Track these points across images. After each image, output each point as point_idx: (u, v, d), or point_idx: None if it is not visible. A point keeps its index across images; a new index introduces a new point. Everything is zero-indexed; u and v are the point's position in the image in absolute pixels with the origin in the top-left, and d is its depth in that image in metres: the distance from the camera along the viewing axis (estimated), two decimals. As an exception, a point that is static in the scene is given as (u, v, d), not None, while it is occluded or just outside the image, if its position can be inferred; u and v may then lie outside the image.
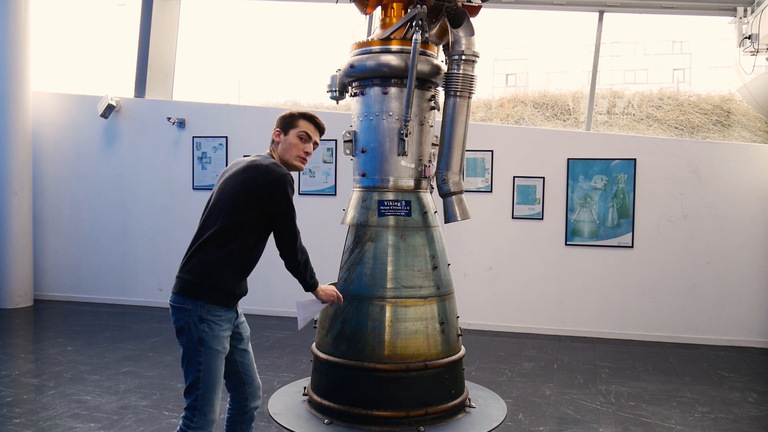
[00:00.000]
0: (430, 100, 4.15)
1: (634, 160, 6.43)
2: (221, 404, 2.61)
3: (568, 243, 6.59)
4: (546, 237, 6.63)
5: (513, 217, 6.70)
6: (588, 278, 6.55)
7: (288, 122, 2.72)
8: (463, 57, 3.95)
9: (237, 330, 2.68)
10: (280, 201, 2.53)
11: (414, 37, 3.81)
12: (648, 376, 5.15)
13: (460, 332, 4.23)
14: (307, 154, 2.71)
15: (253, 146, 7.25)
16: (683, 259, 6.38)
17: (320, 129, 2.77)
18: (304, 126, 2.70)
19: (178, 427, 2.50)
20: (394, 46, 4.00)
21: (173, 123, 7.50)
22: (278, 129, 2.74)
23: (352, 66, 4.08)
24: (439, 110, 4.20)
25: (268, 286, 6.72)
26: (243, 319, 2.75)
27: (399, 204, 4.03)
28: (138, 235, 7.68)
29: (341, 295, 2.91)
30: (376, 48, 4.03)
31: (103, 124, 7.73)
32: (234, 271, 2.55)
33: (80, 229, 7.90)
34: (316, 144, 2.76)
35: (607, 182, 6.49)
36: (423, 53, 3.98)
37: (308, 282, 2.72)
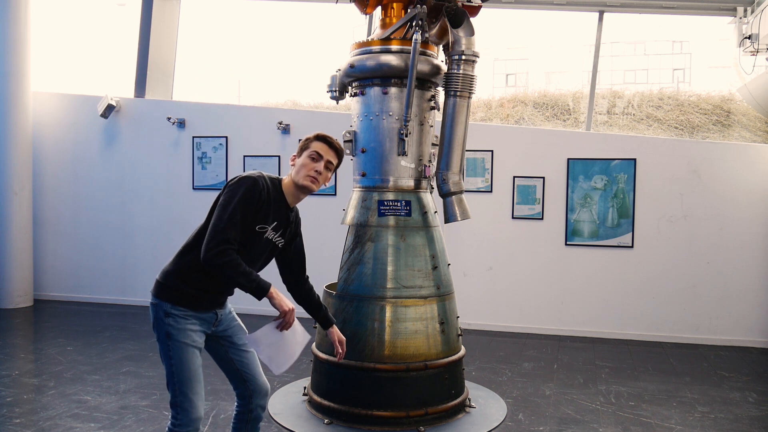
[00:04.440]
0: (430, 100, 4.15)
1: (634, 160, 6.43)
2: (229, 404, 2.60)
3: (568, 243, 6.59)
4: (546, 237, 6.63)
5: (513, 217, 6.70)
6: (588, 278, 6.55)
7: (303, 146, 2.71)
8: (463, 57, 3.95)
9: (226, 334, 2.67)
10: (222, 194, 2.50)
11: (414, 37, 3.81)
12: (648, 376, 5.15)
13: (460, 332, 4.23)
14: (318, 172, 2.63)
15: (253, 146, 7.26)
16: (683, 259, 6.37)
17: (334, 148, 2.70)
18: (315, 146, 2.66)
19: (167, 427, 2.52)
20: (394, 46, 4.00)
21: (173, 123, 7.50)
22: (294, 154, 2.74)
23: (352, 66, 4.08)
24: (439, 110, 4.20)
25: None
26: (236, 323, 2.74)
27: (399, 204, 4.03)
28: (138, 236, 7.68)
29: (294, 322, 2.52)
30: (376, 48, 4.03)
31: (103, 124, 7.73)
32: (188, 279, 2.51)
33: (80, 229, 7.90)
34: (330, 163, 2.68)
35: (607, 182, 6.49)
36: (423, 53, 3.98)
37: (242, 287, 2.44)
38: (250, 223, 2.50)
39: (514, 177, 6.69)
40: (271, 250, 2.68)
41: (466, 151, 4.18)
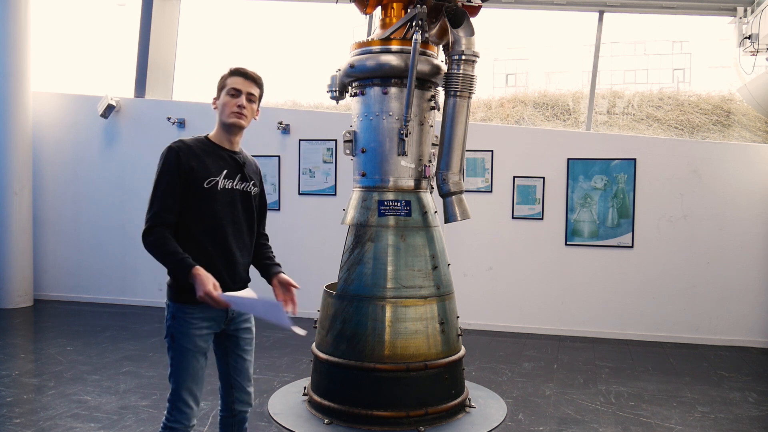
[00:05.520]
0: (430, 100, 4.15)
1: (634, 160, 6.42)
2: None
3: (568, 243, 6.59)
4: (546, 237, 6.63)
5: (513, 217, 6.70)
6: (588, 278, 6.55)
7: (220, 85, 2.63)
8: (463, 57, 3.95)
9: (235, 334, 2.63)
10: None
11: (414, 37, 3.81)
12: (648, 376, 5.15)
13: (460, 332, 4.23)
14: (241, 107, 2.53)
15: (253, 146, 7.24)
16: (683, 259, 6.37)
17: (251, 79, 2.59)
18: (231, 82, 2.56)
19: (162, 422, 2.53)
20: (394, 46, 4.00)
21: (173, 123, 7.50)
22: (214, 98, 2.66)
23: (352, 66, 4.08)
24: (439, 110, 4.20)
25: (268, 287, 6.64)
26: (247, 326, 2.68)
27: (399, 204, 4.03)
28: (138, 235, 7.63)
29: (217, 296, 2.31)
30: (376, 48, 4.03)
31: (103, 124, 7.73)
32: None
33: (80, 229, 7.90)
34: (252, 95, 2.58)
35: (607, 182, 6.48)
36: (423, 53, 3.98)
37: (166, 266, 2.43)
38: (191, 184, 2.46)
39: (514, 177, 6.69)
40: (243, 199, 2.61)
41: (466, 151, 4.18)
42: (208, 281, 2.32)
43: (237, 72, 2.59)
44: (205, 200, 2.49)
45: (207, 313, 2.50)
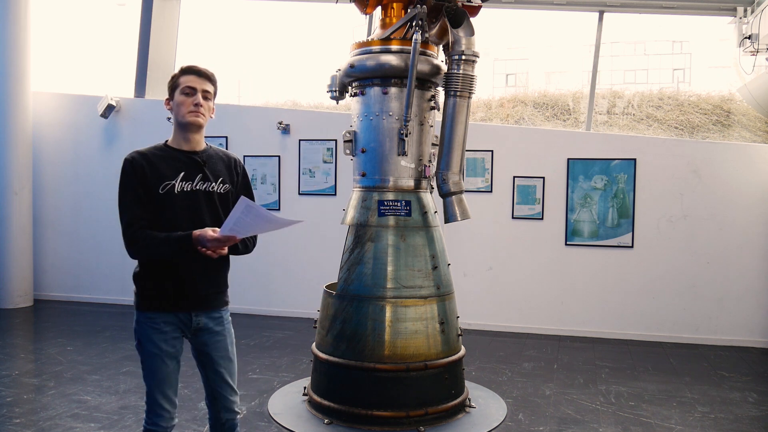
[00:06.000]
0: (430, 100, 4.15)
1: (634, 160, 6.42)
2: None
3: (568, 243, 6.59)
4: (546, 237, 6.63)
5: (513, 217, 6.70)
6: (588, 278, 6.55)
7: (171, 85, 2.56)
8: (463, 57, 3.95)
9: (204, 349, 2.57)
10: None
11: (414, 37, 3.81)
12: (648, 376, 5.15)
13: (460, 332, 4.23)
14: (197, 105, 2.49)
15: (253, 146, 7.26)
16: (683, 259, 6.37)
17: (204, 76, 2.54)
18: (184, 81, 2.51)
19: (142, 426, 2.54)
20: (394, 46, 4.00)
21: (173, 123, 7.49)
22: (167, 99, 2.61)
23: (352, 66, 4.08)
24: (439, 110, 4.20)
25: (268, 287, 6.70)
26: (217, 339, 2.58)
27: (399, 204, 4.03)
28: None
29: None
30: (376, 48, 4.03)
31: (103, 124, 7.73)
32: (140, 272, 2.51)
33: (80, 229, 7.90)
34: (207, 92, 2.53)
35: (607, 182, 6.48)
36: (423, 53, 3.98)
37: (170, 254, 2.40)
38: (149, 191, 2.42)
39: (514, 177, 6.69)
40: (207, 200, 2.52)
41: (466, 151, 4.18)
42: (206, 233, 2.33)
43: (189, 70, 2.55)
44: (162, 206, 2.44)
45: (168, 318, 2.48)
